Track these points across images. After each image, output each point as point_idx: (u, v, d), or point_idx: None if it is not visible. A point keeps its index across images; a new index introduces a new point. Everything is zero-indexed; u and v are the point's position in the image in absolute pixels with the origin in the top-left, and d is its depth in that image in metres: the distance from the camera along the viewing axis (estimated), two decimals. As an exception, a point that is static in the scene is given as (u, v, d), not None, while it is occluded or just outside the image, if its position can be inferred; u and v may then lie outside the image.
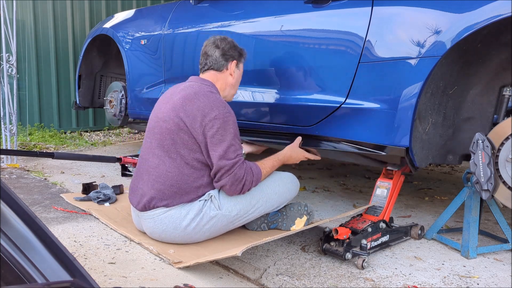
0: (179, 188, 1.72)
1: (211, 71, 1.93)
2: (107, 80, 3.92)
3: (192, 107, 1.73)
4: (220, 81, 1.93)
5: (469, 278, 1.60)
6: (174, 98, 1.80)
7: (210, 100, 1.75)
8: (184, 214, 1.72)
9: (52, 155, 2.73)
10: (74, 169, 3.25)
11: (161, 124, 1.78)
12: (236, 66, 1.95)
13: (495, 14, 1.47)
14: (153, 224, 1.75)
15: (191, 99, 1.75)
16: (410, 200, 2.63)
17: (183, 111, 1.74)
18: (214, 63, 1.92)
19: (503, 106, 1.76)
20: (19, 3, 4.38)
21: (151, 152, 1.80)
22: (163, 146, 1.76)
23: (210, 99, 1.75)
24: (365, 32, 1.82)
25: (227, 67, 1.93)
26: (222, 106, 1.74)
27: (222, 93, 1.94)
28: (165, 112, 1.79)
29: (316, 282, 1.53)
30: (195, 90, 1.80)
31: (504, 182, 1.64)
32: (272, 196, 1.86)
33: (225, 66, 1.92)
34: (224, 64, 1.92)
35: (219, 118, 1.71)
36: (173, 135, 1.74)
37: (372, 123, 1.82)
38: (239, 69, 1.99)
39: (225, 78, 1.94)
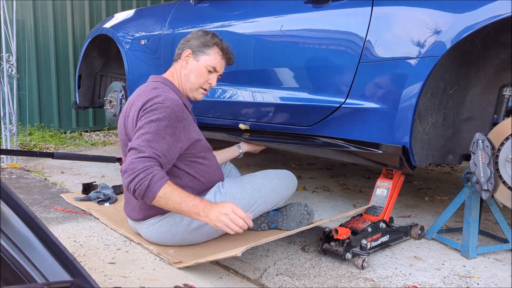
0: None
1: (173, 63, 1.89)
2: (107, 80, 3.92)
3: (132, 109, 1.69)
4: (175, 72, 1.86)
5: (469, 278, 1.60)
6: (127, 105, 1.76)
7: (148, 95, 1.65)
8: (179, 220, 1.70)
9: (52, 155, 2.73)
10: (74, 169, 3.25)
11: (120, 137, 1.79)
12: (192, 55, 1.83)
13: (495, 14, 1.47)
14: (149, 233, 1.75)
15: (134, 102, 1.70)
16: (410, 200, 2.63)
17: (127, 117, 1.71)
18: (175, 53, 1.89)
19: (503, 106, 1.76)
20: (19, 3, 4.38)
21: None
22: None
23: (148, 94, 1.66)
24: (365, 32, 1.82)
25: (181, 56, 1.85)
26: (158, 98, 1.63)
27: (181, 86, 1.85)
28: (119, 122, 1.78)
29: (316, 282, 1.53)
30: (141, 91, 1.74)
31: (504, 182, 1.64)
32: (270, 194, 1.85)
33: (179, 55, 1.86)
34: (178, 54, 1.86)
35: (149, 108, 1.61)
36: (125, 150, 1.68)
37: (372, 123, 1.82)
38: (198, 61, 1.83)
39: (179, 68, 1.85)
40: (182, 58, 1.84)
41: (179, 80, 1.85)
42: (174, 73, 1.86)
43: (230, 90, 2.44)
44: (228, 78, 2.47)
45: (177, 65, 1.86)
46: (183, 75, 1.84)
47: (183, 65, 1.84)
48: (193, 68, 1.83)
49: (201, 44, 1.83)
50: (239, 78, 2.40)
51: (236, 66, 2.42)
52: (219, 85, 2.50)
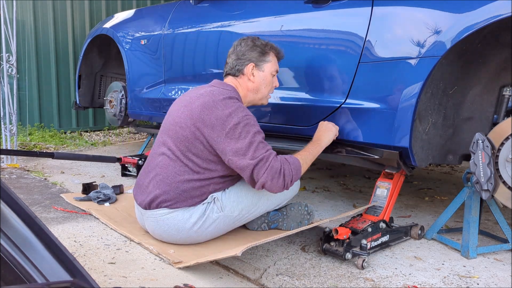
0: (184, 191, 1.70)
1: (229, 76, 1.89)
2: (107, 80, 3.92)
3: (210, 117, 1.67)
4: (240, 87, 1.87)
5: (469, 278, 1.60)
6: (193, 105, 1.72)
7: (228, 107, 1.68)
8: (187, 217, 1.71)
9: (52, 155, 2.73)
10: (74, 169, 3.25)
11: (177, 129, 1.73)
12: (255, 68, 1.86)
13: (495, 14, 1.47)
14: (156, 224, 1.75)
15: (209, 107, 1.68)
16: (410, 200, 2.63)
17: (201, 121, 1.68)
18: (229, 68, 1.88)
19: (503, 106, 1.76)
20: (19, 3, 4.38)
21: (163, 152, 1.76)
22: (176, 150, 1.72)
23: (228, 106, 1.68)
24: (365, 32, 1.82)
25: (243, 72, 1.86)
26: (240, 111, 1.68)
27: (245, 99, 1.88)
28: (183, 118, 1.73)
29: (316, 282, 1.53)
30: (214, 97, 1.72)
31: (504, 182, 1.64)
32: (273, 194, 1.86)
33: (241, 71, 1.86)
34: (239, 70, 1.86)
35: (240, 123, 1.65)
36: (188, 143, 1.70)
37: (372, 123, 1.82)
38: (263, 71, 1.87)
39: (245, 84, 1.87)
40: (247, 73, 1.85)
41: (245, 95, 1.88)
42: (238, 89, 1.86)
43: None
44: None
45: (241, 80, 1.86)
46: (252, 89, 1.87)
47: (251, 79, 1.86)
48: (262, 79, 1.87)
49: (260, 54, 1.86)
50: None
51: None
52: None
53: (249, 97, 1.89)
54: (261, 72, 1.87)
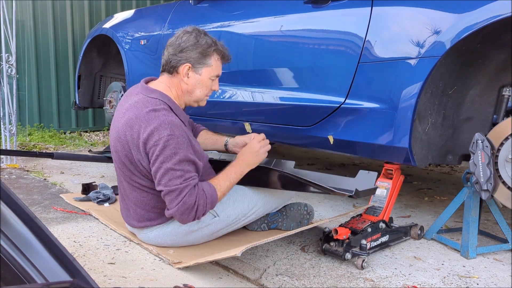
0: (160, 209, 1.66)
1: (164, 73, 1.70)
2: (106, 80, 3.91)
3: (133, 135, 1.56)
4: (173, 87, 1.69)
5: (468, 278, 1.60)
6: (119, 125, 1.62)
7: (151, 123, 1.52)
8: (178, 226, 1.69)
9: (52, 155, 2.73)
10: (74, 169, 3.24)
11: (115, 156, 1.68)
12: (191, 70, 1.67)
13: (495, 14, 1.47)
14: (147, 238, 1.75)
15: (132, 125, 1.56)
16: (409, 200, 2.63)
17: (125, 142, 1.59)
18: (164, 63, 1.69)
19: (502, 106, 1.76)
20: (18, 3, 4.37)
21: (119, 179, 1.75)
22: (125, 177, 1.68)
23: (150, 122, 1.53)
24: (365, 32, 1.83)
25: (178, 70, 1.67)
26: (163, 128, 1.51)
27: (180, 99, 1.72)
28: (114, 141, 1.65)
29: (315, 282, 1.53)
30: (137, 111, 1.57)
31: (503, 182, 1.64)
32: (270, 197, 1.86)
33: (175, 69, 1.67)
34: (174, 67, 1.66)
35: (159, 144, 1.51)
36: (129, 167, 1.63)
37: (372, 123, 1.82)
38: (200, 74, 1.68)
39: (178, 84, 1.69)
40: (181, 73, 1.67)
41: (179, 95, 1.71)
42: (171, 87, 1.70)
43: (230, 90, 2.44)
44: (227, 78, 2.47)
45: (174, 79, 1.69)
46: (186, 91, 1.70)
47: (184, 81, 1.68)
48: (197, 82, 1.69)
49: (200, 56, 1.66)
50: (239, 78, 2.40)
51: (236, 66, 2.42)
52: (219, 85, 2.50)
53: (185, 98, 1.73)
54: (198, 75, 1.68)
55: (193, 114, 2.67)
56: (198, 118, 2.69)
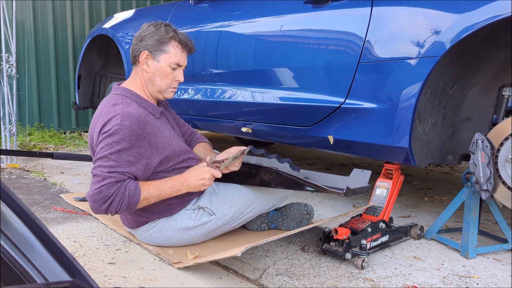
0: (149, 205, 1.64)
1: (133, 67, 1.75)
2: (106, 80, 3.92)
3: (95, 130, 1.60)
4: (137, 77, 1.72)
5: (468, 278, 1.60)
6: (91, 125, 1.68)
7: (108, 115, 1.56)
8: (173, 224, 1.70)
9: (52, 155, 2.73)
10: (74, 169, 3.24)
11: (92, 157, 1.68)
12: (150, 57, 1.69)
13: (495, 14, 1.47)
14: (144, 238, 1.75)
15: (96, 122, 1.61)
16: (409, 200, 2.63)
17: (92, 138, 1.63)
18: (131, 55, 1.74)
19: (502, 106, 1.76)
20: (19, 3, 4.38)
21: None
22: None
23: (108, 114, 1.56)
24: (365, 32, 1.83)
25: (138, 59, 1.70)
26: (115, 119, 1.53)
27: (145, 90, 1.73)
28: (89, 143, 1.69)
29: (315, 282, 1.53)
30: (102, 108, 1.63)
31: (503, 182, 1.64)
32: (267, 195, 1.85)
33: (137, 58, 1.71)
34: (135, 56, 1.71)
35: (106, 132, 1.53)
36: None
37: (372, 123, 1.82)
38: (158, 61, 1.69)
39: (141, 72, 1.71)
40: (141, 61, 1.70)
41: (143, 85, 1.72)
42: (136, 79, 1.72)
43: (230, 90, 2.44)
44: (227, 78, 2.47)
45: (137, 69, 1.72)
46: (147, 79, 1.71)
47: (144, 69, 1.70)
48: (156, 70, 1.70)
49: (157, 42, 1.68)
50: (239, 78, 2.40)
51: (235, 66, 2.43)
52: (219, 85, 2.50)
53: (148, 88, 1.73)
54: (156, 62, 1.69)
55: (192, 114, 2.67)
56: (198, 118, 2.69)
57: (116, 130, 1.52)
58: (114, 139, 1.51)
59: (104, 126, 1.55)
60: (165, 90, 1.74)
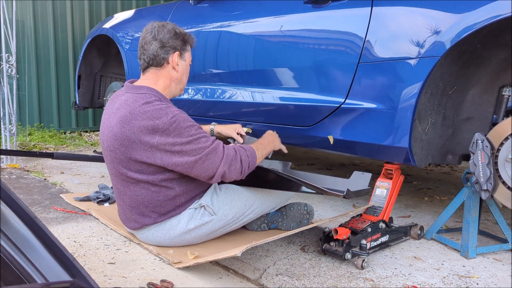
0: (155, 206, 1.66)
1: (151, 69, 1.72)
2: (106, 80, 3.92)
3: (133, 130, 1.56)
4: (162, 78, 1.72)
5: (468, 278, 1.60)
6: (112, 123, 1.62)
7: (149, 114, 1.56)
8: (175, 223, 1.70)
9: (52, 155, 2.73)
10: (74, 169, 3.25)
11: (110, 154, 1.66)
12: (179, 57, 1.73)
13: (494, 14, 1.47)
14: (145, 238, 1.75)
15: (128, 121, 1.57)
16: (409, 200, 2.63)
17: (125, 139, 1.58)
18: (152, 58, 1.70)
19: (502, 106, 1.76)
20: (19, 3, 4.38)
21: (113, 179, 1.73)
22: (120, 175, 1.66)
23: (148, 113, 1.56)
24: (365, 32, 1.83)
25: (168, 60, 1.71)
26: (164, 114, 1.56)
27: (167, 91, 1.74)
28: (109, 140, 1.64)
29: (315, 282, 1.53)
30: (130, 107, 1.59)
31: (503, 182, 1.64)
32: (268, 197, 1.86)
33: (166, 59, 1.71)
34: (164, 58, 1.70)
35: (168, 129, 1.54)
36: (125, 164, 1.62)
37: (372, 123, 1.82)
38: (185, 60, 1.76)
39: (168, 73, 1.73)
40: (172, 62, 1.71)
41: (167, 86, 1.73)
42: (158, 80, 1.72)
43: (230, 90, 2.44)
44: (227, 78, 2.47)
45: (163, 71, 1.72)
46: (175, 79, 1.74)
47: (175, 68, 1.73)
48: (184, 69, 1.76)
49: (183, 42, 1.74)
50: (239, 78, 2.40)
51: (236, 66, 2.43)
52: (219, 85, 2.50)
53: (172, 87, 1.75)
54: (183, 61, 1.76)
55: (192, 114, 2.67)
56: (198, 119, 2.69)
57: (175, 122, 1.55)
58: (182, 126, 1.56)
59: (155, 126, 1.54)
60: (184, 87, 1.84)
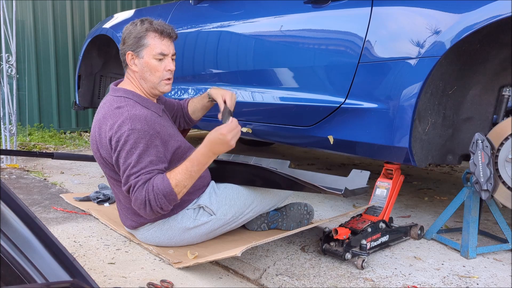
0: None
1: (126, 69, 1.75)
2: (106, 80, 3.92)
3: (101, 134, 1.61)
4: (130, 78, 1.73)
5: (468, 278, 1.60)
6: (93, 127, 1.67)
7: (115, 119, 1.58)
8: (174, 223, 1.70)
9: (52, 155, 2.73)
10: (74, 169, 3.24)
11: (96, 158, 1.71)
12: (135, 56, 1.69)
13: (494, 14, 1.47)
14: (145, 238, 1.75)
15: (100, 125, 1.62)
16: (409, 200, 2.63)
17: (99, 141, 1.63)
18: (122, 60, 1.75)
19: (502, 106, 1.76)
20: (19, 3, 4.38)
21: (108, 182, 1.78)
22: (109, 177, 1.72)
23: (114, 118, 1.58)
24: (365, 32, 1.83)
25: (127, 62, 1.72)
26: (124, 124, 1.55)
27: (141, 89, 1.72)
28: (92, 145, 1.70)
29: (315, 282, 1.53)
30: (105, 110, 1.63)
31: (503, 182, 1.64)
32: (267, 196, 1.85)
33: (125, 62, 1.72)
34: (124, 61, 1.73)
35: (120, 140, 1.55)
36: (107, 166, 1.67)
37: (372, 123, 1.82)
38: (143, 57, 1.68)
39: (133, 74, 1.72)
40: (128, 63, 1.71)
41: (138, 85, 1.72)
42: (130, 80, 1.74)
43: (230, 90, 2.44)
44: (227, 78, 2.47)
45: (129, 71, 1.74)
46: (139, 78, 1.71)
47: (133, 69, 1.71)
48: (143, 66, 1.69)
49: (135, 39, 1.67)
50: (239, 78, 2.40)
51: (235, 66, 2.43)
52: (219, 85, 2.50)
53: (143, 85, 1.72)
54: (141, 59, 1.68)
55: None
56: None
57: (129, 135, 1.54)
58: (130, 145, 1.54)
59: (115, 133, 1.56)
60: (159, 84, 1.72)
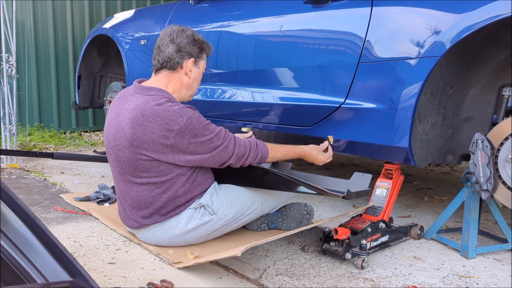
0: (156, 207, 1.67)
1: (163, 71, 1.73)
2: (106, 80, 3.92)
3: (146, 132, 1.58)
4: (173, 82, 1.74)
5: (468, 278, 1.60)
6: (123, 123, 1.62)
7: (162, 116, 1.57)
8: (175, 223, 1.70)
9: (52, 155, 2.73)
10: (74, 169, 3.25)
11: (117, 153, 1.66)
12: (194, 64, 1.75)
13: (494, 14, 1.47)
14: (146, 237, 1.75)
15: (140, 123, 1.58)
16: (409, 200, 2.63)
17: (136, 139, 1.59)
18: (167, 61, 1.72)
19: (502, 106, 1.76)
20: (19, 3, 4.38)
21: (116, 178, 1.75)
22: (125, 174, 1.68)
23: (161, 115, 1.57)
24: (365, 33, 1.83)
25: (182, 65, 1.73)
26: (178, 116, 1.57)
27: (176, 95, 1.75)
28: (117, 140, 1.64)
29: (315, 282, 1.53)
30: (141, 109, 1.59)
31: (503, 182, 1.64)
32: (268, 197, 1.85)
33: (180, 64, 1.73)
34: (178, 62, 1.72)
35: (183, 131, 1.57)
36: (133, 164, 1.63)
37: (372, 123, 1.82)
38: (199, 67, 1.79)
39: (180, 78, 1.75)
40: (186, 67, 1.73)
41: (177, 90, 1.75)
42: (169, 83, 1.73)
43: (230, 90, 2.44)
44: (227, 78, 2.47)
45: (175, 75, 1.74)
46: (186, 85, 1.76)
47: (187, 74, 1.75)
48: (196, 76, 1.79)
49: (200, 50, 1.76)
50: (239, 78, 2.40)
51: (236, 66, 2.43)
52: (219, 85, 2.50)
53: (182, 93, 1.77)
54: (197, 68, 1.78)
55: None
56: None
57: (190, 123, 1.58)
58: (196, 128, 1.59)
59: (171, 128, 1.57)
60: (194, 93, 1.85)
